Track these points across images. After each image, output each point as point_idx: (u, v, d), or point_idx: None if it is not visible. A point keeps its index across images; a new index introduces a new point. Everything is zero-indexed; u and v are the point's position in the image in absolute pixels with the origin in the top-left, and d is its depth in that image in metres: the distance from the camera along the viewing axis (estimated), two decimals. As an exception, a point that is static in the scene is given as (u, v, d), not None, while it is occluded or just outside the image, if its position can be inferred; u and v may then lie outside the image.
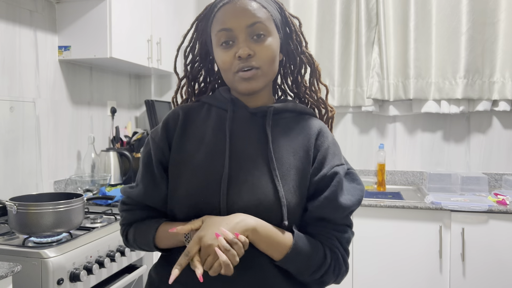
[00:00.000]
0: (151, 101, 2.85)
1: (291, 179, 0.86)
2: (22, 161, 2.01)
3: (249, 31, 0.85)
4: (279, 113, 0.93)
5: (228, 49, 0.86)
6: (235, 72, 0.86)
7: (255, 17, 0.84)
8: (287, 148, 0.88)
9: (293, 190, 0.85)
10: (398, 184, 2.73)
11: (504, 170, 2.61)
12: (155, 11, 2.58)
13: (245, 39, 0.85)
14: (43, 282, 1.40)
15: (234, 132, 0.89)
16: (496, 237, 2.07)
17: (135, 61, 2.37)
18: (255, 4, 0.86)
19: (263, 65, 0.86)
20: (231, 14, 0.85)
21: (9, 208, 1.48)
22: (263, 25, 0.85)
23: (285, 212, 0.82)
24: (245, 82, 0.85)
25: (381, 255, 2.20)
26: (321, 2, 2.71)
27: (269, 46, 0.86)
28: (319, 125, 0.94)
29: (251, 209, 0.82)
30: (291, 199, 0.84)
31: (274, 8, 0.90)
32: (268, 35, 0.86)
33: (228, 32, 0.85)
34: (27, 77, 2.05)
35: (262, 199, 0.83)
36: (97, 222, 1.81)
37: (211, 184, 0.85)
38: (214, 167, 0.86)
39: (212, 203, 0.84)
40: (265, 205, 0.82)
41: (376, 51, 2.65)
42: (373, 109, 2.68)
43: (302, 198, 0.86)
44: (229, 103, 0.92)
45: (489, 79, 2.52)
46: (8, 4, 1.95)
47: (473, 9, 2.49)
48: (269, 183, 0.84)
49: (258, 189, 0.83)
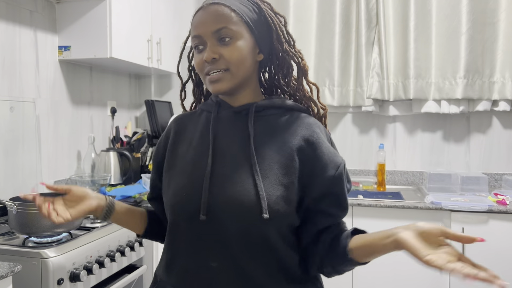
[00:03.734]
0: (151, 101, 2.85)
1: (273, 174, 0.87)
2: (22, 161, 2.01)
3: (216, 36, 0.88)
4: (264, 110, 0.95)
5: (200, 53, 0.92)
6: (205, 75, 0.91)
7: (222, 22, 0.88)
8: (270, 144, 0.90)
9: (275, 184, 0.86)
10: (398, 184, 2.73)
11: (504, 170, 2.61)
12: (155, 11, 2.59)
13: (213, 44, 0.89)
14: (43, 282, 1.40)
15: (218, 132, 0.94)
16: (496, 237, 2.08)
17: (135, 61, 2.37)
18: (224, 9, 0.88)
19: (231, 66, 0.89)
20: (200, 21, 0.90)
21: (9, 208, 1.48)
22: (230, 30, 0.88)
23: (265, 205, 0.84)
24: (213, 83, 0.90)
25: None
26: (321, 2, 2.71)
27: (237, 48, 0.88)
28: (308, 121, 0.94)
29: (232, 203, 0.85)
30: (272, 193, 0.85)
31: (250, 9, 0.92)
32: (237, 38, 0.89)
33: (198, 39, 0.90)
34: (27, 77, 2.05)
35: (242, 194, 0.85)
36: (97, 222, 1.81)
37: (195, 181, 0.89)
38: (199, 166, 0.91)
39: (194, 199, 0.88)
40: (245, 199, 0.85)
41: (376, 51, 2.65)
42: (373, 109, 2.68)
43: (286, 192, 0.87)
44: (214, 105, 0.97)
45: (489, 79, 2.52)
46: (8, 4, 1.95)
47: (473, 9, 2.49)
48: (249, 178, 0.86)
49: (238, 184, 0.86)
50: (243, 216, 0.85)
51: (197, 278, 0.89)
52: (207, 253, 0.87)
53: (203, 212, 0.86)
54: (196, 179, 0.89)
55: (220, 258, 0.87)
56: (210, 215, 0.86)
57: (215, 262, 0.87)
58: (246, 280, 0.87)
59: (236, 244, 0.86)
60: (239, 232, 0.85)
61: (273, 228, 0.86)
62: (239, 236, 0.86)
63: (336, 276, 0.92)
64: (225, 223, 0.86)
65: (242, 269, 0.86)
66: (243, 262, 0.86)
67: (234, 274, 0.86)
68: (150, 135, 2.89)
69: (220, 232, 0.86)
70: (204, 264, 0.88)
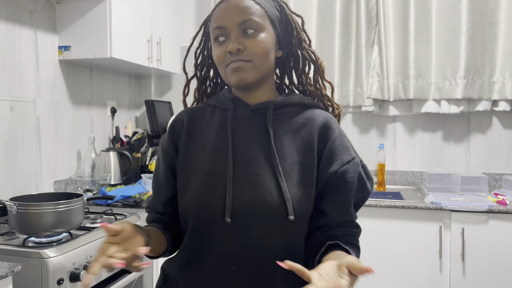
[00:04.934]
0: (151, 101, 2.85)
1: (295, 174, 0.86)
2: (22, 161, 2.01)
3: (241, 28, 0.87)
4: (281, 108, 0.93)
5: (221, 45, 0.89)
6: (226, 66, 0.88)
7: (247, 14, 0.87)
8: (290, 143, 0.89)
9: (297, 185, 0.85)
10: (398, 184, 2.73)
11: (504, 170, 2.61)
12: (155, 11, 2.59)
13: (237, 35, 0.87)
14: (43, 282, 1.40)
15: (236, 131, 0.91)
16: (496, 237, 2.08)
17: (135, 61, 2.37)
18: (249, 1, 0.88)
19: (254, 58, 0.87)
20: (224, 12, 0.88)
21: (9, 208, 1.48)
22: (255, 22, 0.87)
23: (290, 207, 0.82)
24: (236, 73, 0.87)
25: (381, 255, 2.20)
26: (321, 2, 2.71)
27: (261, 40, 0.87)
28: (324, 117, 0.93)
29: (256, 206, 0.83)
30: (295, 194, 0.84)
31: (272, 5, 0.92)
32: (261, 30, 0.88)
33: (221, 30, 0.88)
34: (27, 77, 2.05)
35: (266, 196, 0.83)
36: (97, 222, 1.81)
37: (216, 183, 0.86)
38: (218, 167, 0.88)
39: (217, 203, 0.85)
40: (269, 202, 0.83)
41: (376, 51, 2.65)
42: (373, 109, 2.68)
43: (308, 192, 0.87)
44: (230, 103, 0.93)
45: (489, 79, 2.52)
46: (8, 4, 1.95)
47: (473, 9, 2.49)
48: (272, 180, 0.85)
49: (261, 187, 0.84)
50: (268, 219, 0.83)
51: (214, 281, 0.86)
52: (227, 256, 0.85)
53: (228, 216, 0.83)
54: (216, 181, 0.87)
55: (240, 262, 0.85)
56: (233, 218, 0.83)
57: (235, 265, 0.85)
58: (265, 283, 0.85)
59: (259, 247, 0.84)
60: (263, 235, 0.84)
61: (298, 229, 0.87)
62: (263, 239, 0.84)
63: None
64: (249, 226, 0.84)
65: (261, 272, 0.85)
66: (262, 265, 0.85)
67: (253, 278, 0.85)
68: (150, 135, 2.89)
69: (243, 236, 0.84)
70: (223, 268, 0.86)
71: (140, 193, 2.24)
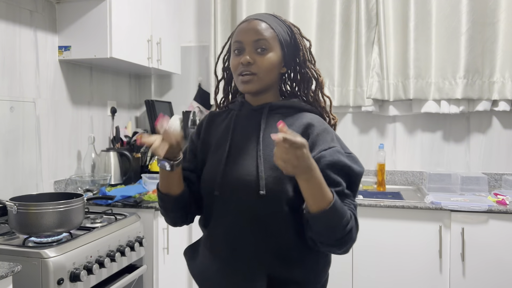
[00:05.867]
0: (151, 101, 2.85)
1: None
2: (22, 161, 2.01)
3: (255, 45, 1.08)
4: (277, 109, 1.13)
5: (237, 56, 1.11)
6: (238, 75, 1.10)
7: (261, 35, 1.08)
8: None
9: (275, 168, 1.03)
10: (398, 184, 2.73)
11: (504, 170, 2.61)
12: (155, 11, 2.59)
13: (250, 51, 1.09)
14: (43, 282, 1.40)
15: (237, 127, 1.14)
16: (496, 237, 2.08)
17: (135, 61, 2.37)
18: (264, 24, 1.09)
19: (260, 72, 1.08)
20: (243, 31, 1.10)
21: (9, 208, 1.48)
22: (267, 42, 1.08)
23: (262, 183, 1.02)
24: (243, 83, 1.09)
25: (381, 255, 2.20)
26: (321, 2, 2.71)
27: (268, 58, 1.08)
28: (311, 118, 1.10)
29: (239, 181, 1.06)
30: (270, 175, 1.03)
31: (284, 30, 1.12)
32: (270, 50, 1.09)
33: (239, 44, 1.10)
34: (27, 77, 2.05)
35: (245, 175, 1.06)
36: (97, 222, 1.82)
37: (216, 166, 1.11)
38: (219, 154, 1.13)
39: (213, 179, 1.10)
40: (247, 178, 1.05)
41: (376, 51, 2.65)
42: (373, 109, 2.68)
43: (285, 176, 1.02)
44: (239, 105, 1.18)
45: (489, 79, 2.52)
46: (8, 4, 1.95)
47: (473, 9, 2.49)
48: (254, 163, 1.07)
49: (244, 167, 1.07)
50: (245, 192, 1.05)
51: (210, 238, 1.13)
52: (217, 220, 1.10)
53: (217, 189, 1.08)
54: (217, 164, 1.11)
55: (226, 224, 1.09)
56: (221, 192, 1.08)
57: (225, 227, 1.09)
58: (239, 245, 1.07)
59: (237, 214, 1.06)
60: (240, 205, 1.06)
61: (269, 205, 1.03)
62: (240, 208, 1.06)
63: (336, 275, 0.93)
64: (231, 198, 1.07)
65: (238, 235, 1.07)
66: (237, 229, 1.07)
67: (233, 238, 1.07)
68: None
69: (226, 205, 1.08)
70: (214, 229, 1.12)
71: (140, 193, 2.24)
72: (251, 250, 1.05)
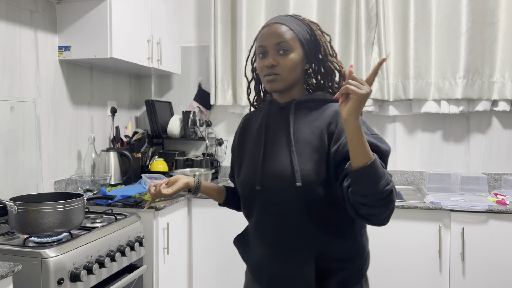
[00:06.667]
0: (151, 101, 2.85)
1: (307, 152, 1.14)
2: (22, 161, 2.01)
3: (277, 48, 1.17)
4: (302, 104, 1.21)
5: (262, 59, 1.20)
6: (264, 76, 1.19)
7: (281, 37, 1.16)
8: (306, 129, 1.17)
9: (307, 160, 1.13)
10: (398, 184, 2.74)
11: (504, 170, 2.61)
12: (155, 11, 2.59)
13: (273, 54, 1.17)
14: (44, 282, 1.40)
15: (269, 124, 1.24)
16: (495, 237, 2.08)
17: (135, 61, 2.37)
18: (284, 27, 1.17)
19: (283, 72, 1.17)
20: (265, 35, 1.19)
21: (10, 208, 1.48)
22: (287, 44, 1.16)
23: (298, 176, 1.11)
24: (269, 83, 1.18)
25: (381, 255, 2.21)
26: (321, 2, 2.71)
27: (290, 59, 1.16)
28: (336, 106, 1.17)
29: (275, 175, 1.15)
30: (304, 167, 1.12)
31: (303, 29, 1.19)
32: (291, 51, 1.16)
33: (263, 48, 1.19)
34: (27, 77, 2.05)
35: (282, 169, 1.15)
36: (97, 222, 1.82)
37: (253, 163, 1.22)
38: (256, 152, 1.23)
39: (252, 174, 1.21)
40: (284, 172, 1.14)
41: (376, 51, 2.65)
42: (372, 109, 2.68)
43: (316, 166, 1.12)
44: (267, 104, 1.27)
45: (488, 79, 2.52)
46: (9, 4, 1.95)
47: (473, 9, 2.49)
48: (288, 157, 1.16)
49: (280, 163, 1.16)
50: (282, 185, 1.14)
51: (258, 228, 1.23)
52: (261, 212, 1.20)
53: (258, 185, 1.18)
54: (253, 161, 1.22)
55: (271, 215, 1.18)
56: (261, 186, 1.18)
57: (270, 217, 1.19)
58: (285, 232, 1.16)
59: (279, 205, 1.16)
60: (281, 195, 1.15)
61: (305, 194, 1.12)
62: (281, 199, 1.15)
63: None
64: (272, 191, 1.16)
65: (283, 224, 1.16)
66: (281, 219, 1.16)
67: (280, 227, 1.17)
68: (150, 135, 2.90)
69: (268, 197, 1.17)
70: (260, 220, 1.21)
71: (140, 193, 2.24)
72: (296, 236, 1.15)
